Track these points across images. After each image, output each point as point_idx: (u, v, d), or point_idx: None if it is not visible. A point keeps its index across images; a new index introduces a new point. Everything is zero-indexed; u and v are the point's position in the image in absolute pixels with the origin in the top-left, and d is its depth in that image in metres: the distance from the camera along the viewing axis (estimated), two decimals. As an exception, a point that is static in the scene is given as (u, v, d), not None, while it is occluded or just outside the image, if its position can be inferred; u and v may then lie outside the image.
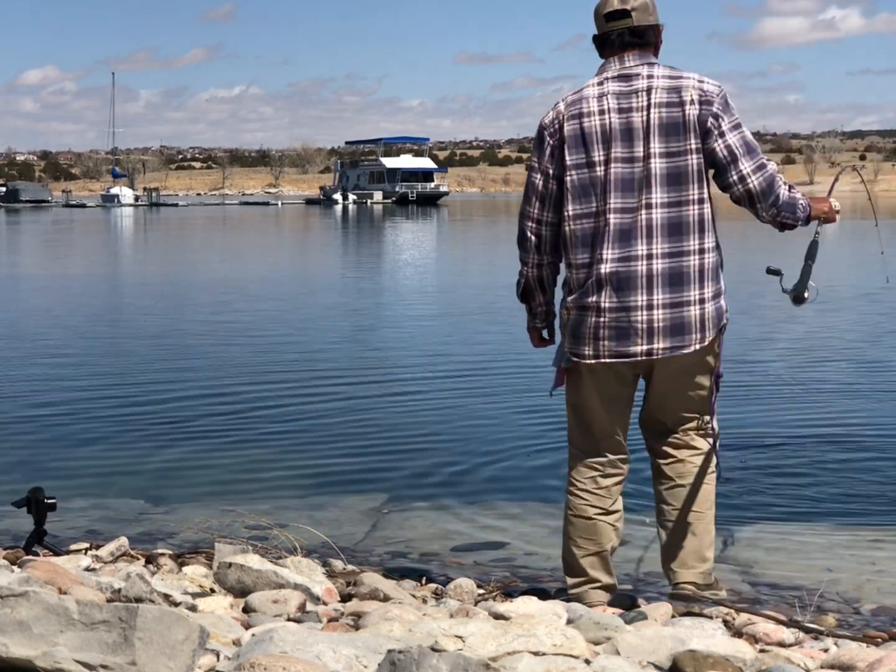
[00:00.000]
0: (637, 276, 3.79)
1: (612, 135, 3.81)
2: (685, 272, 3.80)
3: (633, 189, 3.79)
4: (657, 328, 3.81)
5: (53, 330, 14.17)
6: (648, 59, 3.89)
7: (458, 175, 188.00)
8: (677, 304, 3.80)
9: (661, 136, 3.78)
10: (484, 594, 4.16)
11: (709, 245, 3.84)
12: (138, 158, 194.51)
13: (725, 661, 2.95)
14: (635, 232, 3.79)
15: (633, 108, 3.80)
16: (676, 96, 3.78)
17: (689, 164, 3.78)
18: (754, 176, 3.80)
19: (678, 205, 3.79)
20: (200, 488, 6.40)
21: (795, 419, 8.18)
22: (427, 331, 13.99)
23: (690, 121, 3.76)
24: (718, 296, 3.88)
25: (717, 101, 3.78)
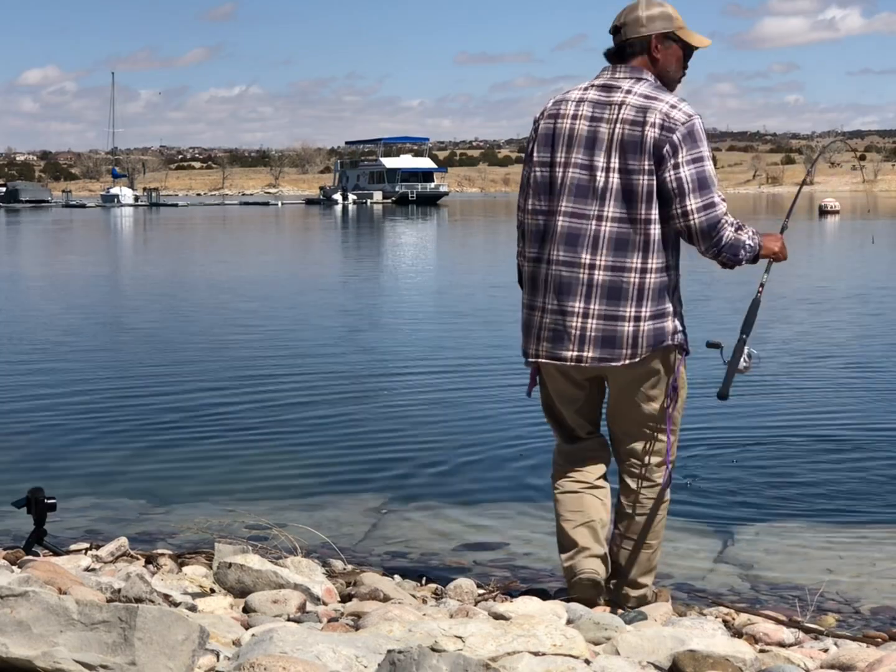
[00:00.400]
0: (578, 283, 3.88)
1: (576, 140, 3.90)
2: (624, 287, 3.86)
3: (586, 197, 3.88)
4: (589, 337, 3.89)
5: (53, 330, 14.17)
6: (639, 74, 3.95)
7: (458, 175, 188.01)
8: (612, 318, 3.87)
9: (621, 152, 3.85)
10: (484, 594, 4.16)
11: (653, 265, 3.86)
12: (138, 158, 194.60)
13: (725, 661, 2.95)
14: (583, 240, 3.88)
15: (604, 119, 3.89)
16: (641, 116, 3.83)
17: (641, 183, 3.83)
18: (697, 214, 3.81)
19: (626, 222, 3.85)
20: (200, 488, 6.40)
21: (796, 419, 8.18)
22: (427, 331, 13.99)
23: (647, 142, 3.81)
24: (662, 317, 3.89)
25: (679, 129, 3.80)
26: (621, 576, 4.10)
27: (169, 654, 2.43)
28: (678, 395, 4.01)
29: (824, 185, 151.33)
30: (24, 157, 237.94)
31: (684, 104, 3.87)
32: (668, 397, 3.98)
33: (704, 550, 5.21)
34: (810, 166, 9.94)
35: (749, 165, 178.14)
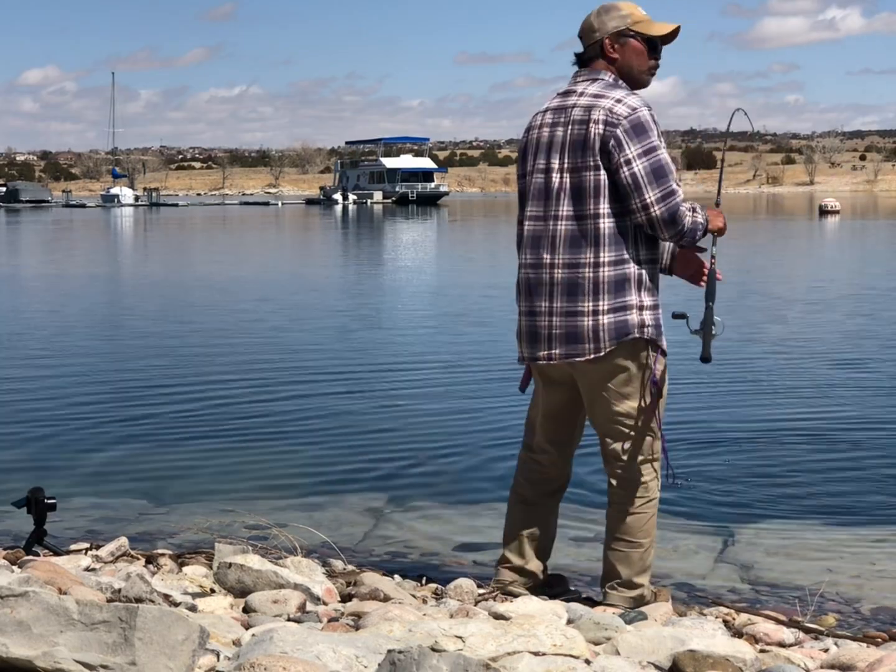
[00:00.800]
0: (543, 284, 4.03)
1: (538, 147, 4.08)
2: (580, 283, 3.95)
3: (546, 200, 4.03)
4: (555, 335, 4.01)
5: (53, 330, 14.17)
6: (596, 76, 4.07)
7: (459, 175, 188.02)
8: (572, 314, 3.97)
9: (570, 152, 3.98)
10: (484, 594, 4.16)
11: (605, 259, 3.93)
12: (138, 158, 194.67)
13: (725, 661, 2.95)
14: (544, 241, 4.03)
15: (560, 124, 4.03)
16: (587, 115, 3.95)
17: (588, 179, 3.94)
18: (658, 205, 3.88)
19: (578, 218, 3.96)
20: (200, 488, 6.40)
21: (796, 419, 8.18)
22: (427, 331, 13.99)
23: (592, 139, 3.91)
24: (624, 310, 3.94)
25: (623, 124, 3.88)
26: (616, 577, 4.12)
27: (169, 654, 2.43)
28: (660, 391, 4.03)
29: (824, 185, 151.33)
30: (24, 157, 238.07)
31: (632, 98, 3.95)
32: (647, 393, 4.01)
33: (704, 550, 5.21)
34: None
35: (749, 165, 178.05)
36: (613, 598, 4.11)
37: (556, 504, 4.35)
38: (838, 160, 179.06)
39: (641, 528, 4.08)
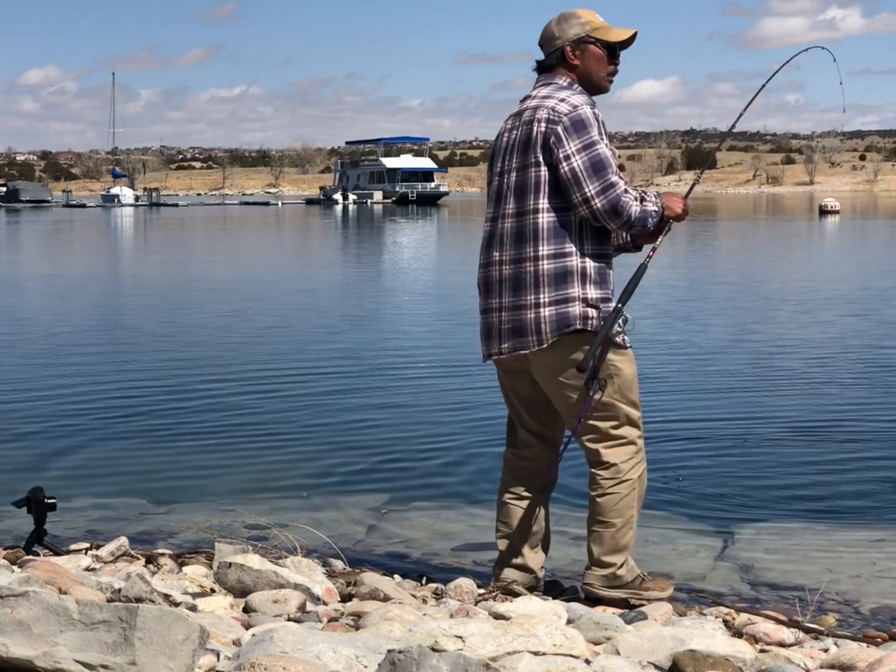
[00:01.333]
0: (493, 281, 4.19)
1: (496, 152, 4.24)
2: (522, 277, 4.07)
3: (498, 200, 4.18)
4: (504, 329, 4.15)
5: (53, 329, 14.17)
6: (551, 80, 4.18)
7: (459, 175, 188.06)
8: (516, 308, 4.10)
9: (517, 153, 4.12)
10: (484, 594, 4.16)
11: (545, 252, 4.01)
12: (138, 158, 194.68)
13: (725, 661, 2.95)
14: (494, 239, 4.19)
15: (515, 127, 4.16)
16: (532, 115, 4.07)
17: (530, 176, 4.06)
18: (598, 199, 3.95)
19: (520, 215, 4.09)
20: (200, 488, 6.40)
21: (796, 419, 8.18)
22: (427, 331, 13.98)
23: (535, 137, 4.04)
24: (565, 302, 3.99)
25: (563, 121, 3.98)
26: (589, 556, 4.20)
27: (169, 653, 2.43)
28: (602, 383, 4.02)
29: (824, 185, 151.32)
30: (24, 157, 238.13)
31: (576, 97, 4.05)
32: (588, 387, 4.02)
33: (704, 550, 5.21)
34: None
35: (749, 165, 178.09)
36: (588, 578, 4.17)
37: (546, 499, 4.38)
38: (838, 160, 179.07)
39: (612, 508, 4.11)
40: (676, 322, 13.64)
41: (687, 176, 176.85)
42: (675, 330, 13.08)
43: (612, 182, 3.94)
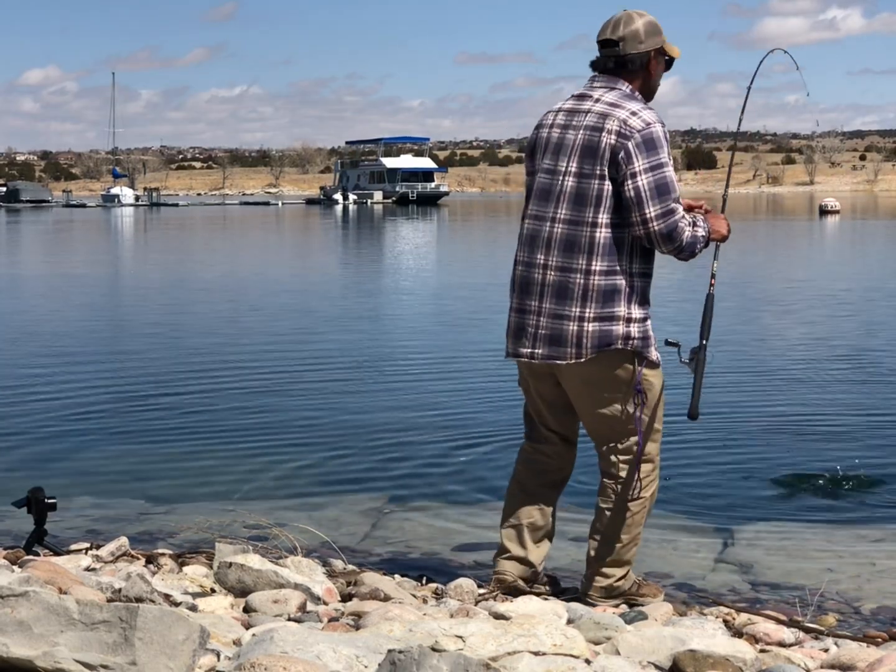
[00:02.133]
0: (534, 283, 4.09)
1: (547, 147, 4.13)
2: (570, 288, 4.00)
3: (547, 200, 4.09)
4: (540, 335, 4.07)
5: (53, 330, 14.17)
6: (614, 84, 4.09)
7: (459, 175, 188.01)
8: (558, 316, 4.03)
9: (579, 157, 4.03)
10: (484, 594, 4.16)
11: (597, 268, 3.97)
12: (138, 158, 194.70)
13: (725, 661, 2.95)
14: (539, 241, 4.09)
15: (571, 126, 4.07)
16: (601, 122, 3.99)
17: (592, 187, 3.99)
18: (656, 221, 3.93)
19: (576, 224, 4.01)
20: (200, 488, 6.40)
21: (795, 419, 8.18)
22: (427, 331, 13.99)
23: (603, 148, 3.96)
24: (610, 320, 3.97)
25: (635, 137, 3.93)
26: (588, 565, 4.20)
27: (169, 653, 2.43)
28: (645, 397, 4.05)
29: (824, 185, 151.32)
30: (24, 157, 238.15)
31: (647, 112, 4.00)
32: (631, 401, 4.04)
33: (704, 550, 5.21)
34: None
35: (749, 165, 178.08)
36: (586, 587, 4.18)
37: (556, 497, 4.37)
38: (838, 160, 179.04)
39: (622, 525, 4.13)
40: (678, 316, 13.66)
41: (687, 175, 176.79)
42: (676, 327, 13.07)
43: (672, 208, 3.93)
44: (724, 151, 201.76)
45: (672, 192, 3.94)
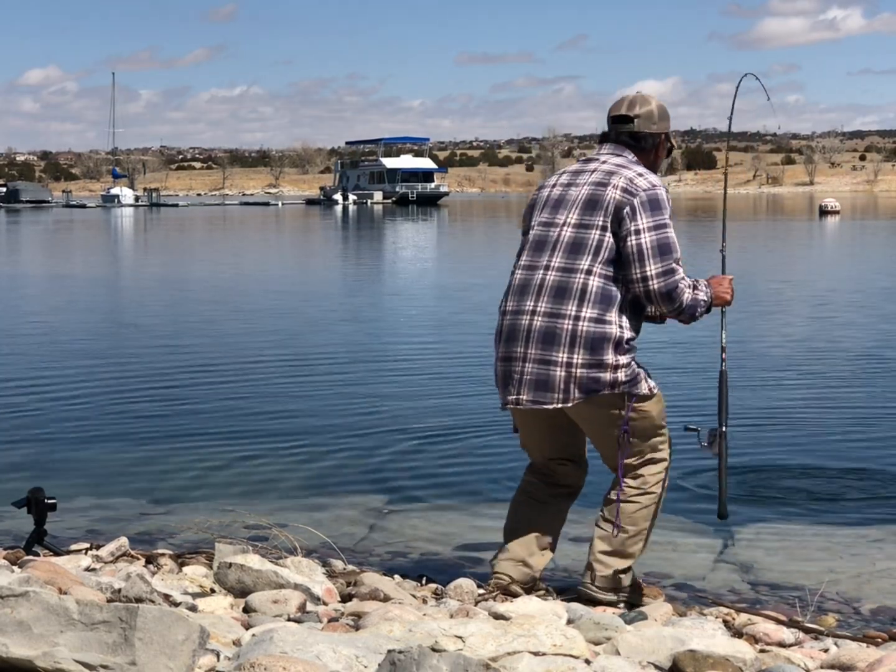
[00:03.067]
0: (521, 330, 4.09)
1: (546, 203, 4.19)
2: (557, 333, 4.01)
3: (542, 250, 4.12)
4: (526, 380, 4.09)
5: (53, 330, 14.17)
6: (620, 152, 4.19)
7: (459, 175, 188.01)
8: (544, 361, 4.03)
9: (580, 209, 4.08)
10: (484, 594, 4.16)
11: (587, 315, 3.99)
12: (138, 159, 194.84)
13: (725, 661, 2.95)
14: (529, 289, 4.11)
15: (575, 184, 4.15)
16: (607, 178, 4.08)
17: (591, 237, 4.03)
18: (657, 280, 3.98)
19: (569, 271, 4.04)
20: (200, 488, 6.40)
21: (795, 418, 8.18)
22: (427, 332, 13.99)
23: (607, 201, 4.02)
24: (598, 367, 3.98)
25: (640, 195, 4.01)
26: (590, 553, 4.20)
27: (169, 654, 2.43)
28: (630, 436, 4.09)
29: (824, 186, 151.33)
30: (24, 157, 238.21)
31: (652, 176, 4.12)
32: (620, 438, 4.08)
33: (704, 550, 5.21)
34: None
35: (749, 165, 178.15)
36: (587, 577, 4.18)
37: (568, 506, 4.40)
38: (838, 160, 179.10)
39: (629, 516, 4.15)
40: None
41: (686, 176, 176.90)
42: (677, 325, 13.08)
43: (673, 268, 3.98)
44: (723, 152, 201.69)
45: (674, 253, 3.99)
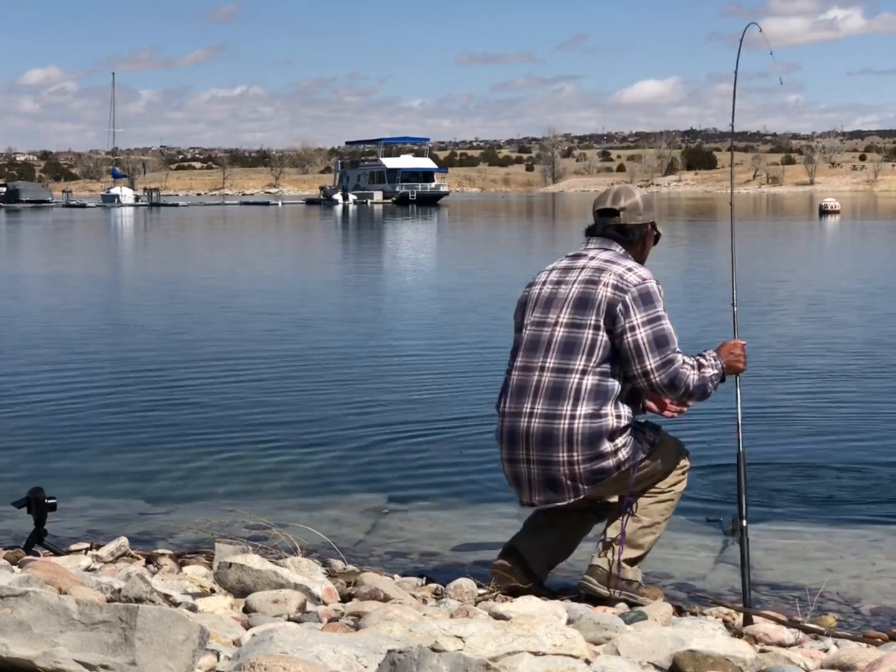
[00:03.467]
0: (520, 432, 4.14)
1: (537, 302, 4.23)
2: (555, 434, 4.07)
3: (536, 350, 4.15)
4: (534, 482, 4.15)
5: (53, 330, 14.17)
6: (608, 245, 4.22)
7: (459, 175, 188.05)
8: (547, 462, 4.10)
9: (572, 308, 4.12)
10: (484, 594, 4.16)
11: (582, 412, 4.04)
12: (138, 159, 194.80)
13: (725, 661, 2.95)
14: (526, 390, 4.15)
15: (565, 282, 4.19)
16: (597, 276, 4.11)
17: (584, 337, 4.08)
18: (657, 373, 4.02)
19: (563, 371, 4.09)
20: (200, 488, 6.40)
21: (795, 418, 8.18)
22: (427, 332, 13.98)
23: (598, 300, 4.07)
24: (599, 458, 4.06)
25: (632, 290, 4.05)
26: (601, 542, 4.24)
27: (169, 654, 2.43)
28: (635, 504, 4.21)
29: (824, 185, 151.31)
30: (24, 157, 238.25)
31: (642, 269, 4.14)
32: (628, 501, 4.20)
33: (704, 550, 5.21)
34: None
35: (749, 165, 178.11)
36: (589, 570, 4.21)
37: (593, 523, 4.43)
38: (838, 160, 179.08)
39: (645, 507, 4.21)
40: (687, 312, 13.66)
41: (687, 176, 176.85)
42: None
43: (671, 358, 4.01)
44: (723, 151, 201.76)
45: (671, 343, 4.03)
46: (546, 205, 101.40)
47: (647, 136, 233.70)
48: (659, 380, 4.01)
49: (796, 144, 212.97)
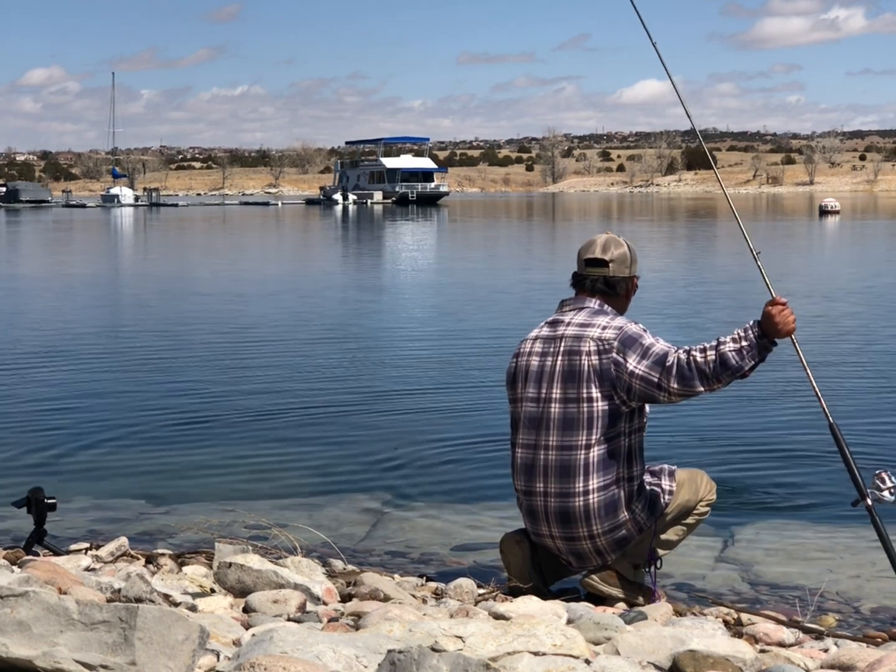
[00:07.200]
0: (539, 511, 4.19)
1: (527, 375, 4.21)
2: (571, 511, 4.11)
3: (537, 428, 4.15)
4: (563, 553, 4.22)
5: (53, 330, 14.17)
6: (581, 304, 4.19)
7: (459, 175, 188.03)
8: (570, 539, 4.15)
9: (561, 383, 4.11)
10: (484, 594, 4.16)
11: (594, 486, 4.07)
12: (138, 158, 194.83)
13: (725, 661, 2.95)
14: (535, 470, 4.17)
15: (549, 353, 4.16)
16: (577, 346, 4.10)
17: (581, 411, 4.07)
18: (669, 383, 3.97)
19: (567, 449, 4.10)
20: (200, 488, 6.40)
21: (795, 418, 8.18)
22: (427, 332, 13.98)
23: (587, 371, 4.06)
24: (619, 528, 4.13)
25: (615, 345, 4.04)
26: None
27: (169, 654, 2.43)
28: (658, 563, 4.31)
29: (824, 185, 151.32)
30: (24, 157, 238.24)
31: (615, 320, 4.11)
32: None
33: (704, 550, 5.21)
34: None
35: (749, 165, 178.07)
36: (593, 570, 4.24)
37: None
38: (838, 160, 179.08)
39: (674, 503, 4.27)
40: (684, 312, 13.66)
41: (687, 176, 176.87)
42: (677, 328, 13.09)
43: (669, 365, 3.96)
44: (723, 151, 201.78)
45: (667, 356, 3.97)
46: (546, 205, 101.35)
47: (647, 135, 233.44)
48: (676, 387, 3.95)
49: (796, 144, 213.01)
